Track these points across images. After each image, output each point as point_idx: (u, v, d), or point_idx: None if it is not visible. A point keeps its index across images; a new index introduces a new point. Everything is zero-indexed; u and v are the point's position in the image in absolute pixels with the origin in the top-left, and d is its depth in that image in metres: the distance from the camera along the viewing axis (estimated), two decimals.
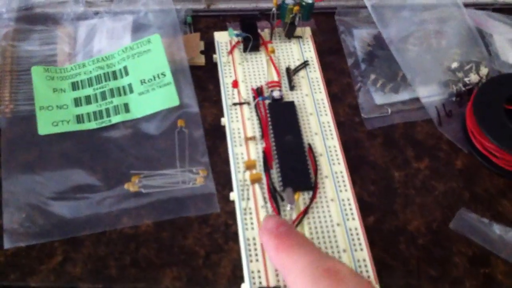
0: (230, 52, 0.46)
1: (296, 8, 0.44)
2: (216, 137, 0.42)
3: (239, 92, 0.43)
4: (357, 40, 0.49)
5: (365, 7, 0.49)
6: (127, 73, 0.44)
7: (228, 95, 0.43)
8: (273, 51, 0.45)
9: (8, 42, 0.45)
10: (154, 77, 0.43)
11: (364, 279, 0.27)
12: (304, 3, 0.44)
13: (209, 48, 0.47)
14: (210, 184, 0.40)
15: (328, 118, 0.42)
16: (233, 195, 0.38)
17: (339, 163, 0.40)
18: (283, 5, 0.44)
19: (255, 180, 0.36)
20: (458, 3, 0.50)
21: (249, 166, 0.37)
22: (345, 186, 0.38)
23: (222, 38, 0.47)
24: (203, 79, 0.46)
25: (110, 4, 0.48)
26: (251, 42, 0.44)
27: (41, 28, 0.46)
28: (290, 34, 0.46)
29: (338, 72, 0.47)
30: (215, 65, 0.46)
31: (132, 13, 0.48)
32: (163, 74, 0.43)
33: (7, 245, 0.36)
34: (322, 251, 0.29)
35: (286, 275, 0.29)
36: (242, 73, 0.44)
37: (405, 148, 0.43)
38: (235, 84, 0.42)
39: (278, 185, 0.38)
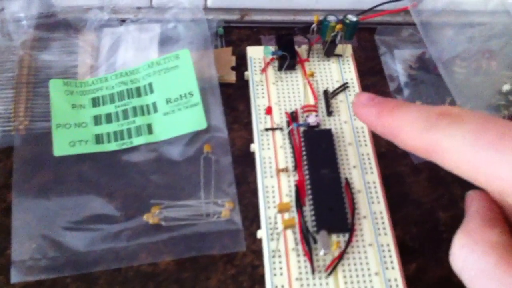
0: (264, 70, 0.42)
1: (339, 26, 0.40)
2: (245, 164, 0.39)
3: (271, 117, 0.39)
4: (399, 61, 0.45)
5: (409, 24, 0.45)
6: (152, 91, 0.40)
7: (259, 119, 0.40)
8: (312, 75, 0.41)
9: (26, 51, 0.42)
10: (181, 96, 0.40)
11: (481, 113, 0.25)
12: (347, 21, 0.40)
13: (241, 63, 0.44)
14: (236, 218, 0.36)
15: (368, 149, 0.38)
16: (261, 233, 0.35)
17: (378, 202, 0.36)
18: (324, 22, 0.40)
19: (288, 227, 0.32)
20: None
21: (282, 209, 0.33)
22: (384, 229, 0.35)
23: (256, 54, 0.43)
24: (233, 98, 0.42)
25: (137, 12, 0.45)
26: (288, 61, 0.41)
27: (62, 36, 0.43)
28: (329, 53, 0.43)
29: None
30: (247, 82, 0.43)
31: (160, 21, 0.44)
32: (191, 94, 0.40)
33: (14, 279, 0.33)
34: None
35: (395, 135, 0.28)
36: (276, 94, 0.41)
37: (452, 185, 0.39)
38: (269, 110, 0.39)
39: (311, 225, 0.34)
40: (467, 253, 0.25)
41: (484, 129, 0.24)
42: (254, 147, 0.39)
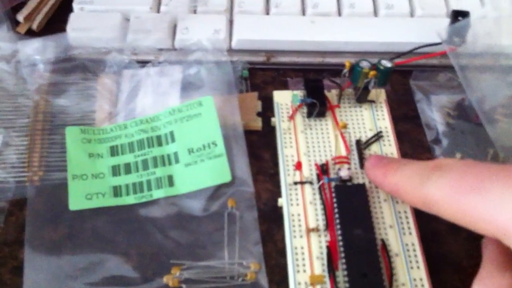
0: (292, 117, 0.40)
1: (373, 73, 0.37)
2: (271, 220, 0.36)
3: (300, 170, 0.37)
4: (437, 108, 0.42)
5: (446, 67, 0.43)
6: (173, 140, 0.38)
7: (287, 172, 0.37)
8: (345, 127, 0.39)
9: (41, 96, 0.40)
10: (204, 146, 0.37)
11: (467, 160, 0.27)
12: (382, 67, 0.37)
13: (266, 108, 0.42)
14: (263, 282, 0.34)
15: (405, 206, 0.36)
16: None
17: (418, 268, 0.33)
18: (356, 68, 0.38)
19: None
20: None
21: (314, 282, 0.30)
22: None
23: (283, 99, 0.41)
24: (258, 146, 0.40)
25: (159, 54, 0.43)
26: (317, 108, 0.38)
27: (79, 80, 0.41)
28: (362, 99, 0.40)
29: (416, 146, 0.40)
30: (273, 129, 0.40)
31: (181, 63, 0.42)
32: (214, 144, 0.37)
33: None
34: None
35: (398, 193, 0.31)
36: (305, 144, 0.38)
37: None
38: (298, 166, 0.36)
39: None
40: None
41: (465, 175, 0.25)
42: (281, 201, 0.36)
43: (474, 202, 0.25)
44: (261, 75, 0.44)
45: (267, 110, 0.42)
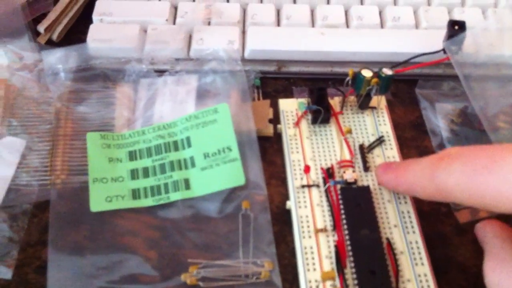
0: (297, 123, 0.41)
1: (374, 80, 0.39)
2: (283, 222, 0.38)
3: (309, 173, 0.39)
4: (441, 115, 0.43)
5: (450, 76, 0.44)
6: (189, 145, 0.40)
7: (295, 176, 0.39)
8: (349, 132, 0.40)
9: (63, 103, 0.42)
10: (219, 151, 0.39)
11: (475, 145, 0.27)
12: (383, 75, 0.39)
13: (278, 115, 0.43)
14: (277, 280, 0.35)
15: (408, 206, 0.37)
16: None
17: (422, 264, 0.35)
18: (359, 76, 0.40)
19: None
20: None
21: (326, 277, 0.32)
22: None
23: (288, 107, 0.43)
24: (270, 152, 0.42)
25: (175, 64, 0.45)
26: (322, 115, 0.40)
27: (100, 89, 0.43)
28: (364, 106, 0.42)
29: (422, 152, 0.42)
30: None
31: (197, 72, 0.44)
32: (229, 149, 0.39)
33: None
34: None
35: (413, 190, 0.31)
36: (310, 149, 0.40)
37: None
38: (307, 169, 0.38)
39: None
40: (500, 273, 0.26)
41: (476, 157, 0.26)
42: (289, 204, 0.38)
43: (491, 181, 0.25)
44: (273, 83, 0.46)
45: (278, 118, 0.43)
